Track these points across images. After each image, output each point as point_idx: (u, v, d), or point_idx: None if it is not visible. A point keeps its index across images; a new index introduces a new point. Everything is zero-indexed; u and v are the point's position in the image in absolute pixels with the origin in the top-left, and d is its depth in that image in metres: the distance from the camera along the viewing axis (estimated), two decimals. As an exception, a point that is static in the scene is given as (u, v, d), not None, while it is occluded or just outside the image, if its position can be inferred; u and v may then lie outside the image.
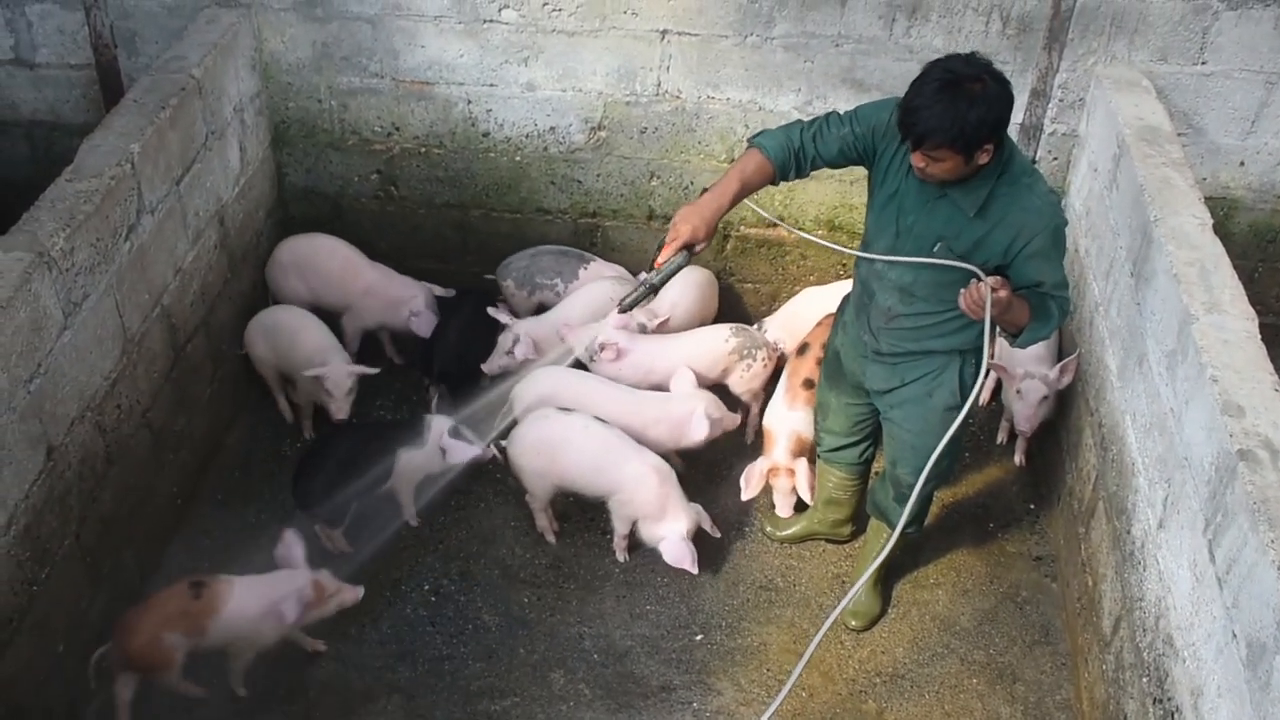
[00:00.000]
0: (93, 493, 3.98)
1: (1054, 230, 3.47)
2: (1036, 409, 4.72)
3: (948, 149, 3.29)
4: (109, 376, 4.04)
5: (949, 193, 3.48)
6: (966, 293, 3.38)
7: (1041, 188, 3.50)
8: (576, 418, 4.54)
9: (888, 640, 4.43)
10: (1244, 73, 4.82)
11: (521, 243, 5.47)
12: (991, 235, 3.47)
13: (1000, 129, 3.32)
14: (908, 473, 4.08)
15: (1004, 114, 3.30)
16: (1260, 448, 3.18)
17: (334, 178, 5.44)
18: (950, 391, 3.84)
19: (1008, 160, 3.45)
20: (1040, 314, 3.52)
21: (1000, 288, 3.33)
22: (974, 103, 3.23)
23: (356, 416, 4.90)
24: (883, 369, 3.94)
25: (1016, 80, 4.81)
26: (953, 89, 3.23)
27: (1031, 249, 3.46)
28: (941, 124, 3.24)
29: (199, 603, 3.85)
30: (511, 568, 4.62)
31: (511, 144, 5.28)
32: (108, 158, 4.06)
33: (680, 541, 4.32)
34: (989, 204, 3.46)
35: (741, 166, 3.66)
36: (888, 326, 3.82)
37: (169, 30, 4.97)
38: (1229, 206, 5.10)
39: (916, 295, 3.68)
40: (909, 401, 3.93)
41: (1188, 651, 3.35)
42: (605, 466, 4.45)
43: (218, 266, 4.88)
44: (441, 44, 5.03)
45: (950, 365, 3.82)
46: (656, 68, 5.02)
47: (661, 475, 4.40)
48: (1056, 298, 3.53)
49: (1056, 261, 3.52)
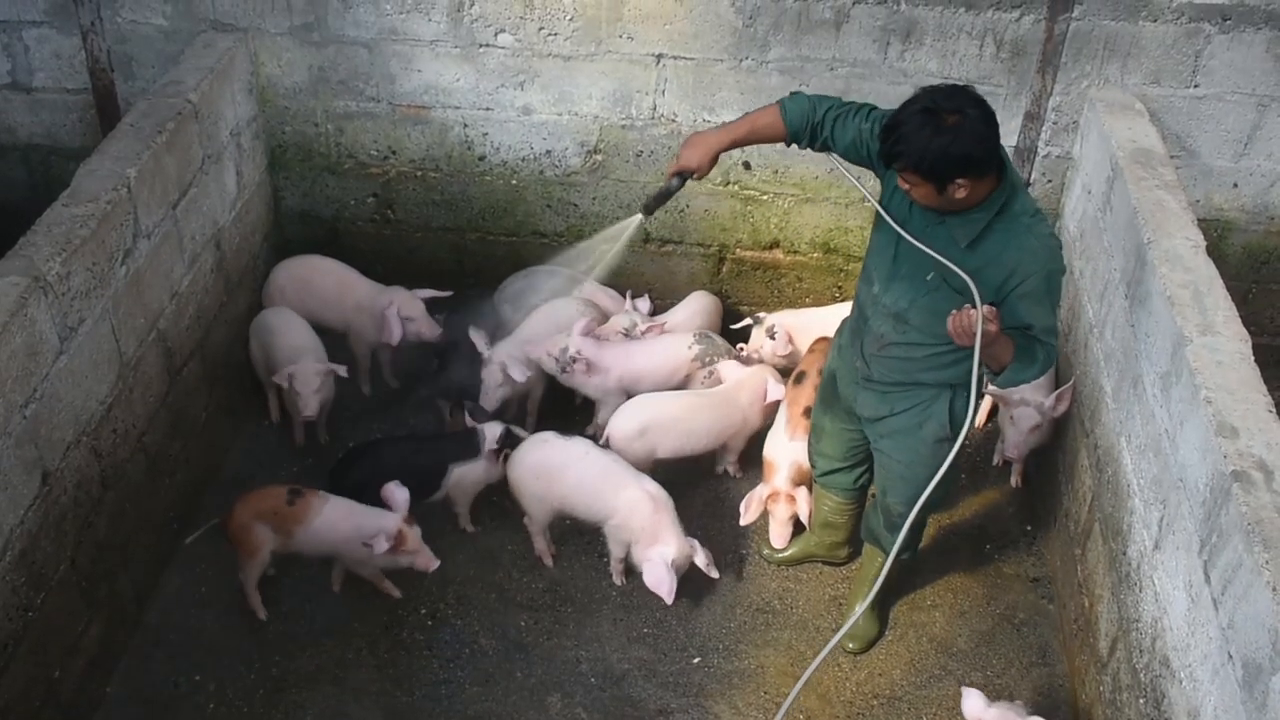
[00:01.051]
0: (88, 518, 3.97)
1: (1049, 274, 3.44)
2: (1027, 436, 4.72)
3: (914, 174, 3.30)
4: (105, 401, 4.04)
5: (947, 221, 3.47)
6: (956, 316, 3.34)
7: (1042, 230, 3.46)
8: (577, 444, 4.55)
9: (885, 662, 4.43)
10: (1236, 95, 4.84)
11: (518, 266, 5.48)
12: (984, 271, 3.42)
13: (972, 165, 3.27)
14: (898, 502, 4.07)
15: (974, 151, 3.26)
16: (1254, 469, 3.19)
17: (330, 201, 5.46)
18: (940, 424, 3.83)
19: (1009, 199, 3.43)
20: (1024, 356, 3.47)
21: (993, 320, 3.30)
22: (944, 132, 3.22)
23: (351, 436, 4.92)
24: (873, 396, 3.94)
25: (1010, 103, 4.92)
26: (931, 117, 3.24)
27: (1024, 289, 3.42)
28: (908, 149, 3.26)
29: (291, 509, 4.24)
30: (508, 591, 4.61)
31: (508, 167, 5.30)
32: (104, 182, 4.06)
33: (661, 565, 4.27)
34: (984, 238, 3.44)
35: (756, 115, 3.78)
36: (879, 354, 3.81)
37: (165, 55, 4.99)
38: (1223, 228, 5.12)
39: (910, 323, 3.67)
40: (899, 432, 3.93)
41: (1184, 673, 3.35)
42: (603, 491, 4.44)
43: (214, 290, 4.89)
44: (438, 68, 5.05)
45: (941, 397, 3.81)
46: (652, 91, 5.04)
47: (656, 502, 4.39)
48: (1044, 343, 3.48)
49: (1048, 306, 3.47)
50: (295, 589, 4.54)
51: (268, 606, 4.43)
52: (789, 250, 5.41)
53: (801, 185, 5.11)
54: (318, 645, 4.35)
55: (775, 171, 5.08)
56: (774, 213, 5.30)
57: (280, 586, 4.55)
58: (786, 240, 5.37)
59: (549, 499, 4.54)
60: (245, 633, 4.38)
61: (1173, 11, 4.68)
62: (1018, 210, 3.44)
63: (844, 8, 4.78)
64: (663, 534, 4.35)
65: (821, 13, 4.78)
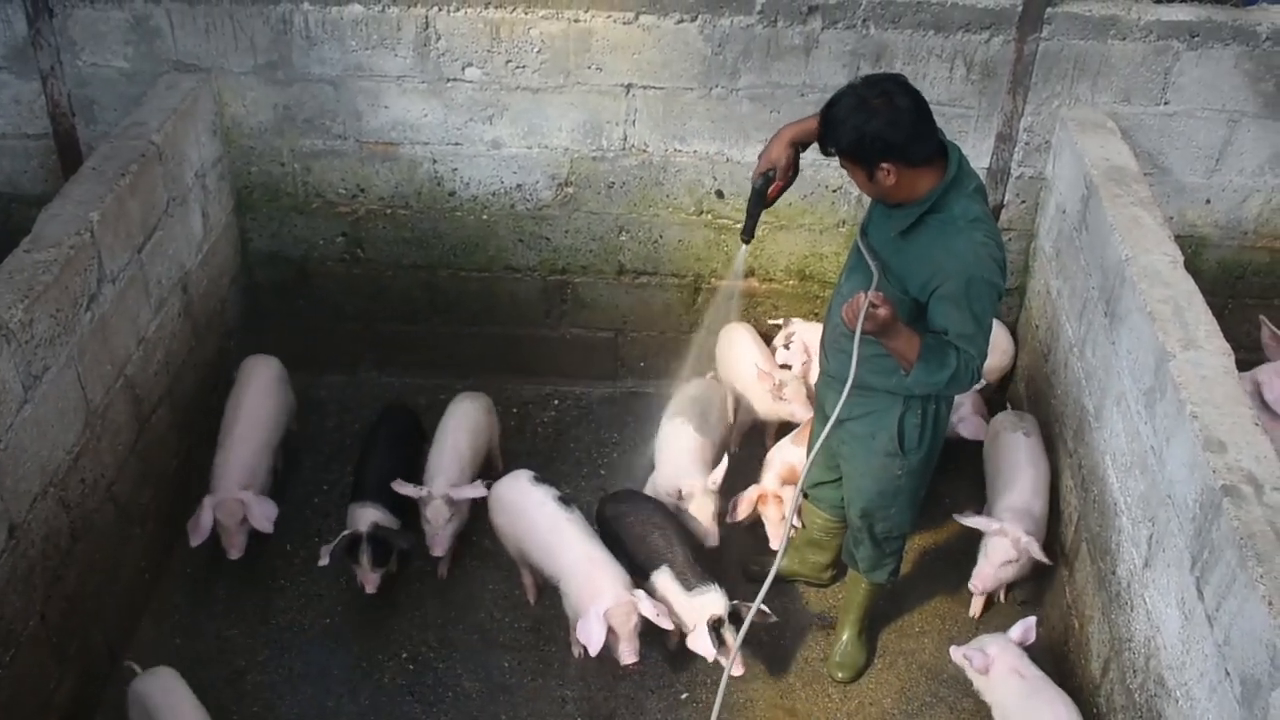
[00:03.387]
0: (57, 571, 3.87)
1: (969, 279, 3.39)
2: (998, 570, 4.34)
3: (843, 156, 3.38)
4: (71, 451, 3.95)
5: (892, 212, 3.53)
6: (850, 301, 3.33)
7: (976, 236, 3.42)
8: (540, 492, 4.41)
9: (875, 691, 4.36)
10: (1206, 111, 4.85)
11: (490, 301, 5.43)
12: (914, 266, 3.48)
13: (893, 150, 3.32)
14: (855, 514, 4.07)
15: (891, 135, 3.30)
16: (1244, 482, 3.15)
17: (299, 241, 5.39)
18: (889, 437, 3.80)
19: (949, 199, 3.44)
20: (934, 357, 3.42)
21: (881, 304, 3.28)
22: (871, 114, 3.30)
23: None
24: (834, 394, 3.87)
25: (982, 125, 4.91)
26: (859, 98, 3.32)
27: (942, 291, 3.42)
28: (833, 128, 3.35)
29: None
30: (491, 632, 4.53)
31: (478, 203, 5.25)
32: (67, 226, 3.99)
33: (594, 617, 3.93)
34: (915, 232, 3.48)
35: None
36: (833, 349, 3.83)
37: (127, 97, 4.92)
38: (1196, 244, 5.11)
39: None
40: (855, 438, 3.91)
41: (1180, 691, 3.30)
42: (551, 548, 4.27)
43: (182, 335, 4.81)
44: (405, 104, 5.01)
45: (891, 409, 3.77)
46: (622, 122, 5.01)
47: (594, 562, 4.15)
48: (960, 351, 3.43)
49: (966, 312, 3.41)
50: (272, 637, 4.45)
51: (242, 657, 4.33)
52: (764, 278, 5.37)
53: (775, 213, 5.06)
54: (297, 693, 4.26)
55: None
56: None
57: (256, 635, 4.45)
58: (762, 268, 5.33)
59: (510, 538, 4.47)
60: (223, 683, 4.28)
61: (1141, 29, 4.68)
62: (957, 213, 3.45)
63: (813, 33, 4.76)
64: (601, 588, 4.04)
65: (791, 39, 4.77)
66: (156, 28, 4.86)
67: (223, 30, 4.87)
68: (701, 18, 4.76)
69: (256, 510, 4.44)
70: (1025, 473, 4.54)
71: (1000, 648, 3.96)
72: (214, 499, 4.43)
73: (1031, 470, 4.55)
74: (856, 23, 4.74)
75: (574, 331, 5.60)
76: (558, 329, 5.59)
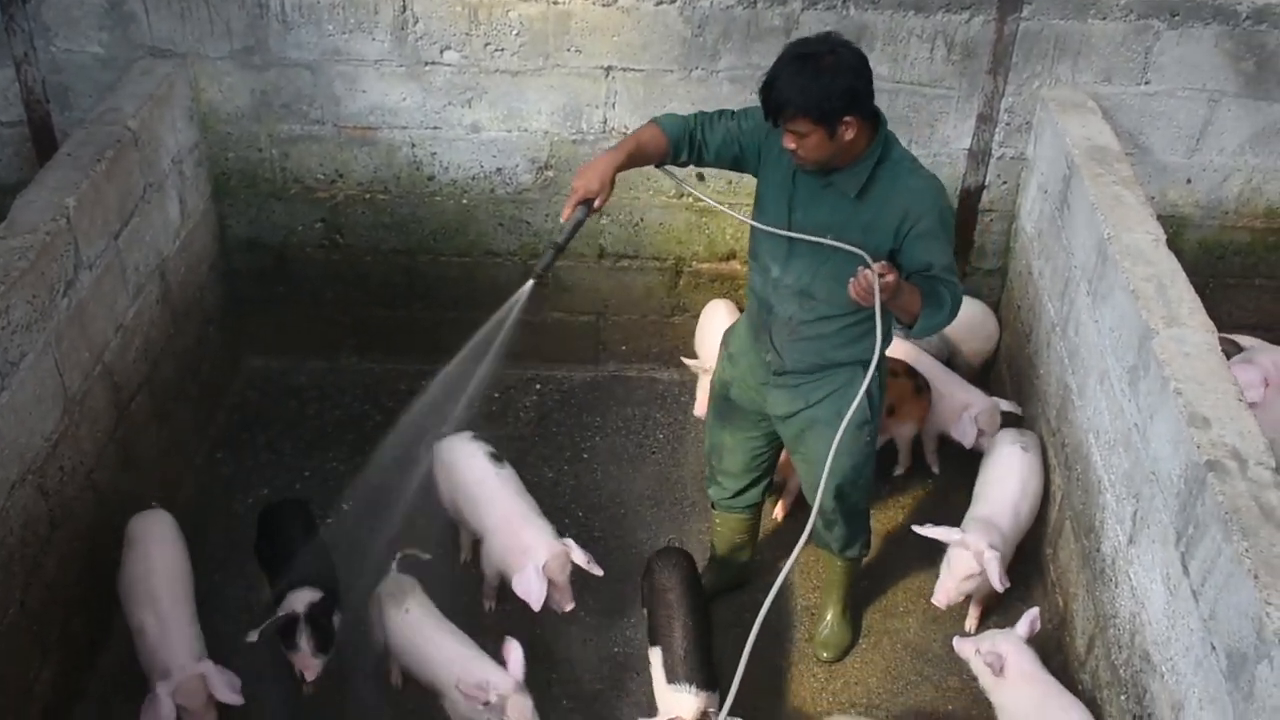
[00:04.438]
0: (37, 559, 3.83)
1: (939, 211, 3.51)
2: (959, 583, 4.18)
3: (804, 119, 3.34)
4: (50, 438, 3.91)
5: (833, 180, 3.52)
6: (855, 281, 3.33)
7: (924, 172, 3.56)
8: (474, 448, 4.49)
9: (861, 671, 4.36)
10: (1187, 91, 4.86)
11: (471, 286, 5.40)
12: (878, 219, 3.49)
13: (856, 100, 3.35)
14: (830, 498, 4.04)
15: (856, 84, 3.34)
16: (1228, 458, 3.16)
17: (277, 228, 5.35)
18: (861, 406, 3.76)
19: (887, 146, 3.51)
20: (932, 300, 3.48)
21: (887, 272, 3.30)
22: (824, 72, 3.30)
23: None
24: (785, 393, 3.90)
25: (963, 106, 4.91)
26: (804, 61, 3.32)
27: (919, 229, 3.47)
28: (793, 93, 3.31)
29: None
30: (475, 614, 4.50)
31: (458, 187, 5.22)
32: (42, 213, 3.95)
33: (531, 571, 3.99)
34: (870, 186, 3.49)
35: (639, 133, 3.73)
36: (792, 340, 3.78)
37: (102, 83, 4.87)
38: (1177, 224, 5.12)
39: (816, 298, 3.66)
40: (819, 423, 3.88)
41: (1165, 666, 3.31)
42: (477, 501, 4.36)
43: (160, 322, 4.77)
44: (383, 88, 4.97)
45: (855, 379, 3.76)
46: (602, 104, 4.98)
47: (525, 518, 4.23)
48: (946, 282, 3.50)
49: (945, 243, 3.52)
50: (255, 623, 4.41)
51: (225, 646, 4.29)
52: (746, 260, 5.35)
53: (755, 195, 5.07)
54: (278, 679, 4.22)
55: (729, 182, 5.02)
56: (729, 223, 5.24)
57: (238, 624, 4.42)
58: (743, 250, 5.31)
59: (444, 494, 4.52)
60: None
61: (1121, 9, 4.68)
62: (897, 156, 3.53)
63: (793, 14, 4.75)
64: (530, 543, 4.11)
65: (771, 20, 4.75)
66: (131, 13, 4.81)
67: (198, 15, 4.83)
68: (681, -1, 4.75)
69: (220, 682, 3.77)
70: (1006, 487, 4.44)
71: (1012, 647, 3.82)
72: (169, 684, 3.67)
73: (1014, 486, 4.44)
74: (836, 3, 4.73)
75: (555, 315, 5.58)
76: (539, 313, 5.56)
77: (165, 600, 3.94)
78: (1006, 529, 4.29)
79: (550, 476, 5.11)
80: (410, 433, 4.59)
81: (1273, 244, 5.25)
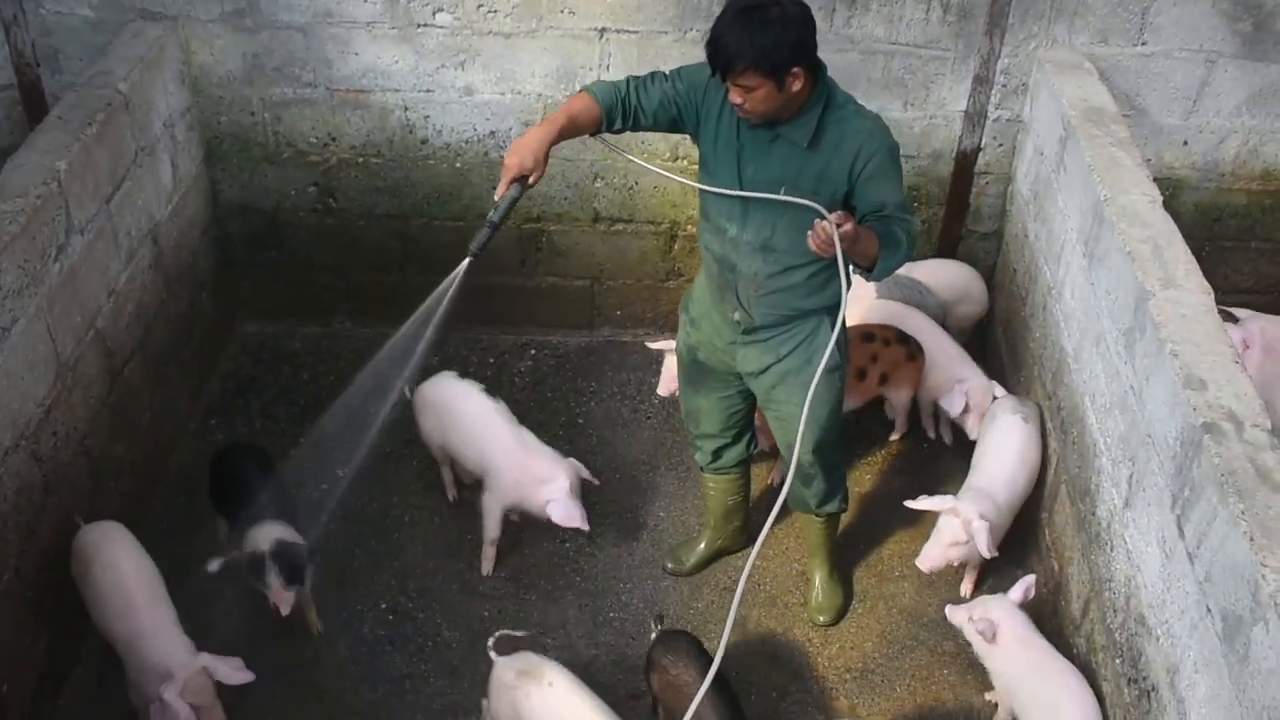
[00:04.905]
0: (31, 525, 3.83)
1: (889, 149, 3.51)
2: (945, 550, 4.18)
3: (754, 73, 3.32)
4: (43, 403, 3.89)
5: (781, 132, 3.51)
6: (813, 234, 3.35)
7: (868, 113, 3.56)
8: (465, 385, 4.58)
9: (856, 635, 4.38)
10: (1184, 52, 4.82)
11: (464, 251, 5.33)
12: (831, 165, 3.50)
13: (804, 51, 3.35)
14: (808, 451, 4.03)
15: (804, 35, 3.34)
16: (1225, 420, 3.16)
17: (270, 192, 5.31)
18: (831, 352, 3.74)
19: (830, 92, 3.51)
20: (889, 242, 3.48)
21: (844, 221, 3.31)
22: (771, 25, 3.29)
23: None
24: (755, 349, 3.89)
25: (959, 67, 4.88)
26: (750, 14, 3.30)
27: (870, 169, 3.48)
28: (741, 47, 3.29)
29: None
30: (470, 581, 4.51)
31: (451, 150, 5.18)
32: (33, 176, 3.92)
33: (564, 498, 4.18)
34: (820, 133, 3.49)
35: (569, 105, 3.70)
36: (759, 295, 3.77)
37: (93, 46, 4.82)
38: (1174, 186, 5.10)
39: (778, 249, 3.65)
40: (790, 374, 3.88)
41: (1161, 629, 3.32)
42: (478, 437, 4.43)
43: (153, 287, 4.74)
44: (375, 50, 4.93)
45: (822, 325, 3.80)
46: (596, 67, 4.94)
47: (528, 447, 4.38)
48: (899, 220, 3.51)
49: (896, 181, 3.54)
50: (249, 592, 4.42)
51: (218, 608, 4.29)
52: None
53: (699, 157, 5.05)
54: (274, 644, 4.23)
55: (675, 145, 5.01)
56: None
57: (233, 587, 4.42)
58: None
59: (434, 436, 4.59)
60: (199, 634, 4.23)
61: (1118, -32, 4.65)
62: (840, 100, 3.53)
63: (788, -25, 4.70)
64: (546, 472, 4.26)
65: (765, -19, 4.70)
66: (121, -27, 4.77)
67: (189, -24, 4.79)
68: (676, -41, 4.70)
69: (224, 669, 3.69)
70: (1004, 457, 4.41)
71: (1005, 613, 3.83)
72: (175, 685, 3.56)
73: (1013, 456, 4.41)
74: (832, -36, 4.69)
75: (549, 280, 5.56)
76: (533, 278, 5.54)
77: (144, 606, 3.82)
78: (1001, 499, 4.29)
79: (545, 442, 5.08)
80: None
81: (1269, 206, 5.24)
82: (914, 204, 5.23)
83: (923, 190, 5.22)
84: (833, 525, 4.38)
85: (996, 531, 4.20)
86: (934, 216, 5.30)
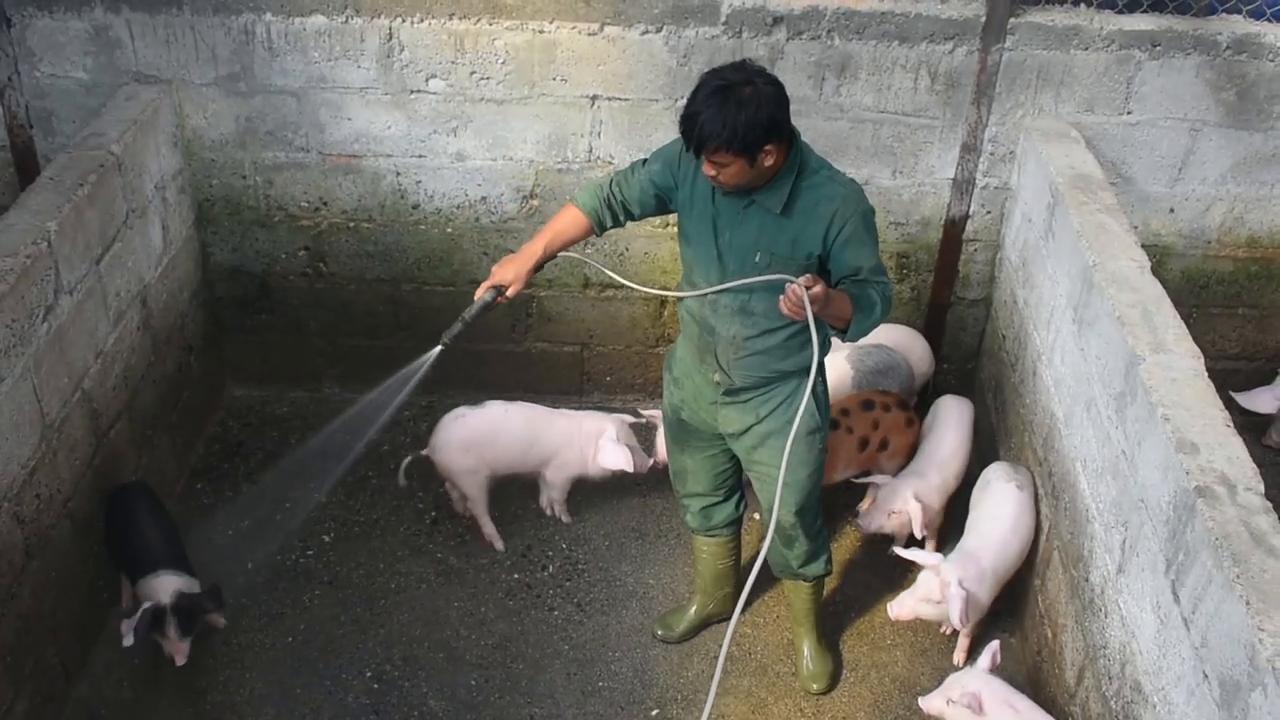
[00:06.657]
0: (11, 589, 3.77)
1: (863, 214, 3.55)
2: (916, 603, 4.18)
3: (726, 152, 3.37)
4: (27, 465, 3.85)
5: (756, 198, 3.55)
6: (784, 298, 3.38)
7: (842, 178, 3.59)
8: (494, 407, 4.82)
9: (848, 705, 4.32)
10: (1169, 120, 4.88)
11: (455, 316, 5.33)
12: (805, 230, 3.54)
13: (776, 129, 3.39)
14: (790, 514, 4.02)
15: (776, 114, 3.37)
16: (1218, 484, 3.14)
17: (261, 255, 5.32)
18: (810, 413, 3.81)
19: (804, 159, 3.55)
20: (863, 304, 3.52)
21: (813, 284, 3.33)
22: (744, 105, 3.32)
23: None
24: (735, 410, 3.90)
25: (946, 135, 4.91)
26: (724, 94, 3.34)
27: (845, 235, 3.52)
28: (715, 129, 3.33)
29: None
30: (457, 650, 4.45)
31: (442, 215, 5.20)
32: (23, 236, 3.91)
33: (611, 444, 4.66)
34: (793, 200, 3.53)
35: (556, 220, 3.90)
36: (738, 357, 3.79)
37: (86, 109, 4.85)
38: (1161, 253, 5.13)
39: (756, 312, 3.68)
40: (772, 435, 3.88)
41: (1157, 696, 3.28)
42: (540, 438, 4.78)
43: (141, 349, 4.72)
44: (368, 116, 4.96)
45: (800, 387, 3.80)
46: (588, 134, 4.98)
47: (575, 418, 4.85)
48: (875, 283, 3.55)
49: (871, 246, 3.57)
50: (234, 657, 4.36)
51: (202, 677, 4.24)
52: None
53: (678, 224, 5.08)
54: (259, 713, 4.17)
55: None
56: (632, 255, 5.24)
57: (217, 655, 4.36)
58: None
59: (481, 470, 4.73)
60: (181, 704, 4.18)
61: (1103, 39, 4.70)
62: (814, 165, 3.58)
63: (778, 44, 4.75)
64: (593, 427, 4.78)
65: (755, 50, 4.75)
66: (116, 38, 4.79)
67: (184, 41, 4.81)
68: (666, 29, 4.74)
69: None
70: (997, 524, 4.38)
71: (983, 682, 3.80)
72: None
73: (1006, 524, 4.38)
74: (821, 34, 4.74)
75: (539, 346, 5.55)
76: (523, 343, 5.54)
77: None
78: (988, 565, 4.26)
79: (534, 508, 5.06)
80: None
81: (1255, 273, 5.27)
82: (903, 271, 5.26)
83: (912, 257, 5.25)
84: (818, 590, 4.33)
85: (980, 599, 4.18)
86: (923, 283, 5.32)
